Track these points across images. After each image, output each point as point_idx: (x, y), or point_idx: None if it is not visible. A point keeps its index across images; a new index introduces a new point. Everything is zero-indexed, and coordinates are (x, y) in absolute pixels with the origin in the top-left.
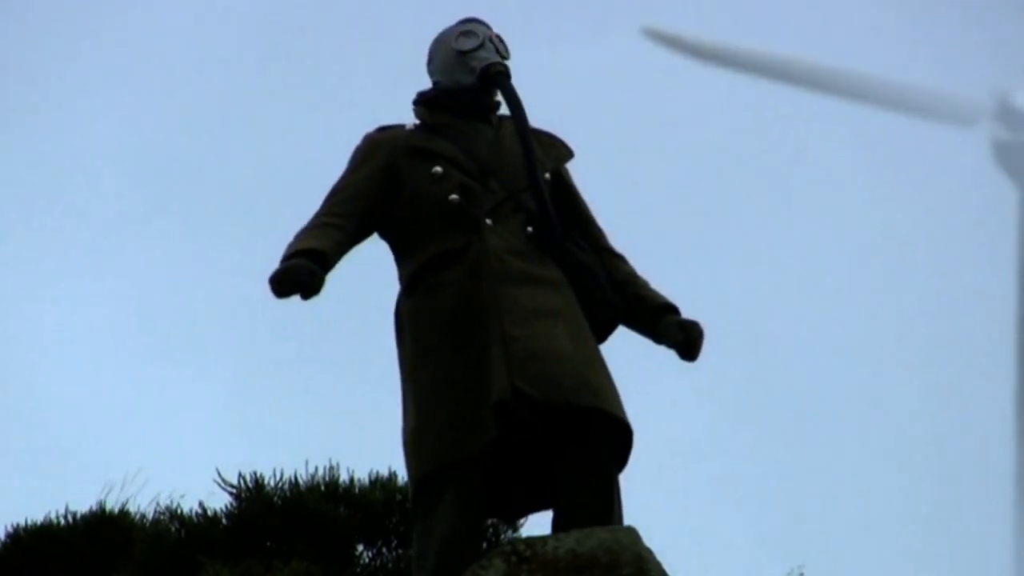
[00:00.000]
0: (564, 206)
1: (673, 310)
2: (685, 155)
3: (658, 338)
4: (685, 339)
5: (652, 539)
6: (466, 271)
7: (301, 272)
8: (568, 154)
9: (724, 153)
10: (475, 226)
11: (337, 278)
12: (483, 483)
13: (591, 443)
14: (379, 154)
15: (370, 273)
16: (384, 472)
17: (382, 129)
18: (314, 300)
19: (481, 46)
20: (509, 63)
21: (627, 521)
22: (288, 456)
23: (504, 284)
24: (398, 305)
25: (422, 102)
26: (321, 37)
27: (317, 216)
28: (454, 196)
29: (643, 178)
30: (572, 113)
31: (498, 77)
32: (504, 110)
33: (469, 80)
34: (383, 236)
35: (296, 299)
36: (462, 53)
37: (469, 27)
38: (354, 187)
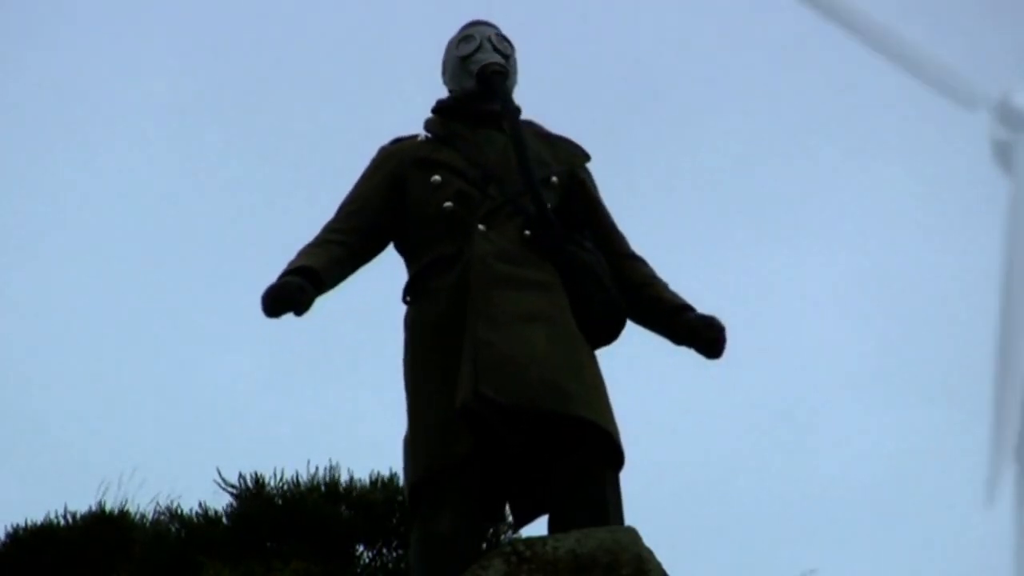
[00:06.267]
0: (578, 209)
1: (690, 310)
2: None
3: (678, 339)
4: (708, 336)
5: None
6: (456, 278)
7: (291, 290)
8: (584, 157)
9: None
10: (467, 233)
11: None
12: (476, 490)
13: (576, 452)
14: (387, 166)
15: (369, 275)
16: (384, 472)
17: (396, 141)
18: (314, 303)
19: (479, 48)
20: (515, 56)
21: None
22: (288, 456)
23: (487, 289)
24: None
25: (437, 111)
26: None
27: (324, 230)
28: (448, 203)
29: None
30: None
31: (493, 77)
32: (525, 115)
33: (471, 85)
34: (394, 245)
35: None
36: (463, 59)
37: (468, 31)
38: (360, 200)
